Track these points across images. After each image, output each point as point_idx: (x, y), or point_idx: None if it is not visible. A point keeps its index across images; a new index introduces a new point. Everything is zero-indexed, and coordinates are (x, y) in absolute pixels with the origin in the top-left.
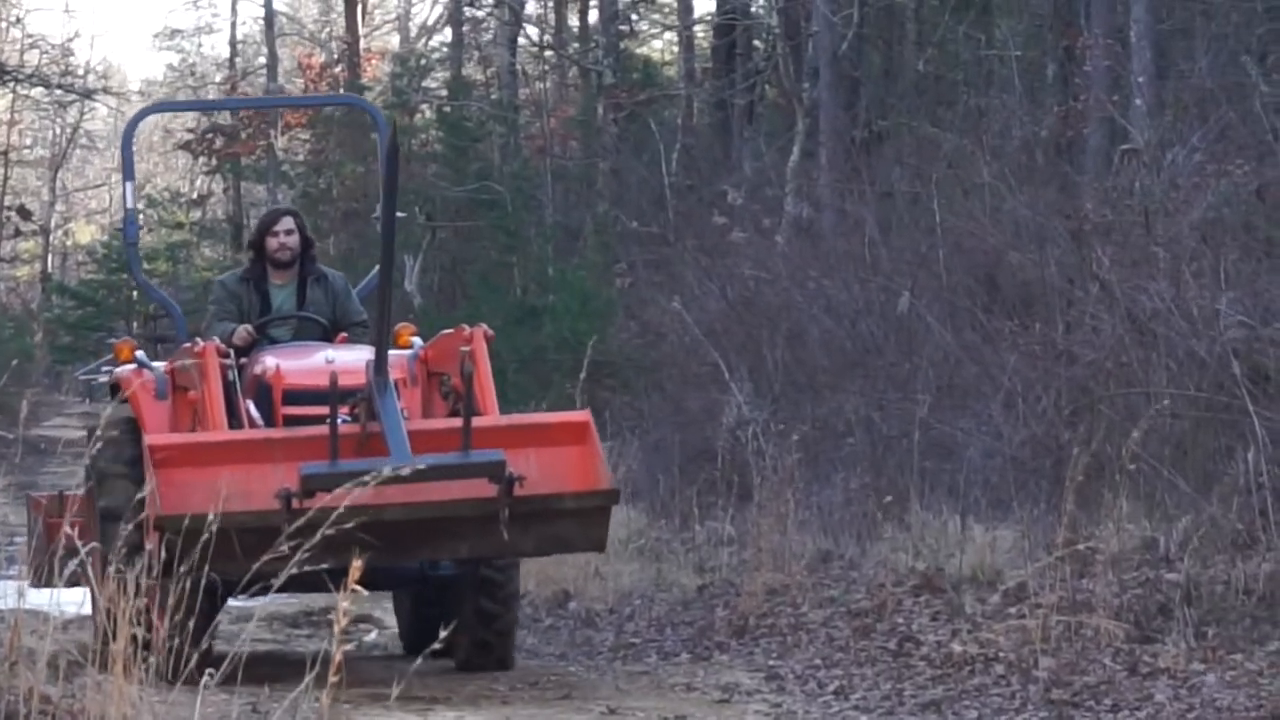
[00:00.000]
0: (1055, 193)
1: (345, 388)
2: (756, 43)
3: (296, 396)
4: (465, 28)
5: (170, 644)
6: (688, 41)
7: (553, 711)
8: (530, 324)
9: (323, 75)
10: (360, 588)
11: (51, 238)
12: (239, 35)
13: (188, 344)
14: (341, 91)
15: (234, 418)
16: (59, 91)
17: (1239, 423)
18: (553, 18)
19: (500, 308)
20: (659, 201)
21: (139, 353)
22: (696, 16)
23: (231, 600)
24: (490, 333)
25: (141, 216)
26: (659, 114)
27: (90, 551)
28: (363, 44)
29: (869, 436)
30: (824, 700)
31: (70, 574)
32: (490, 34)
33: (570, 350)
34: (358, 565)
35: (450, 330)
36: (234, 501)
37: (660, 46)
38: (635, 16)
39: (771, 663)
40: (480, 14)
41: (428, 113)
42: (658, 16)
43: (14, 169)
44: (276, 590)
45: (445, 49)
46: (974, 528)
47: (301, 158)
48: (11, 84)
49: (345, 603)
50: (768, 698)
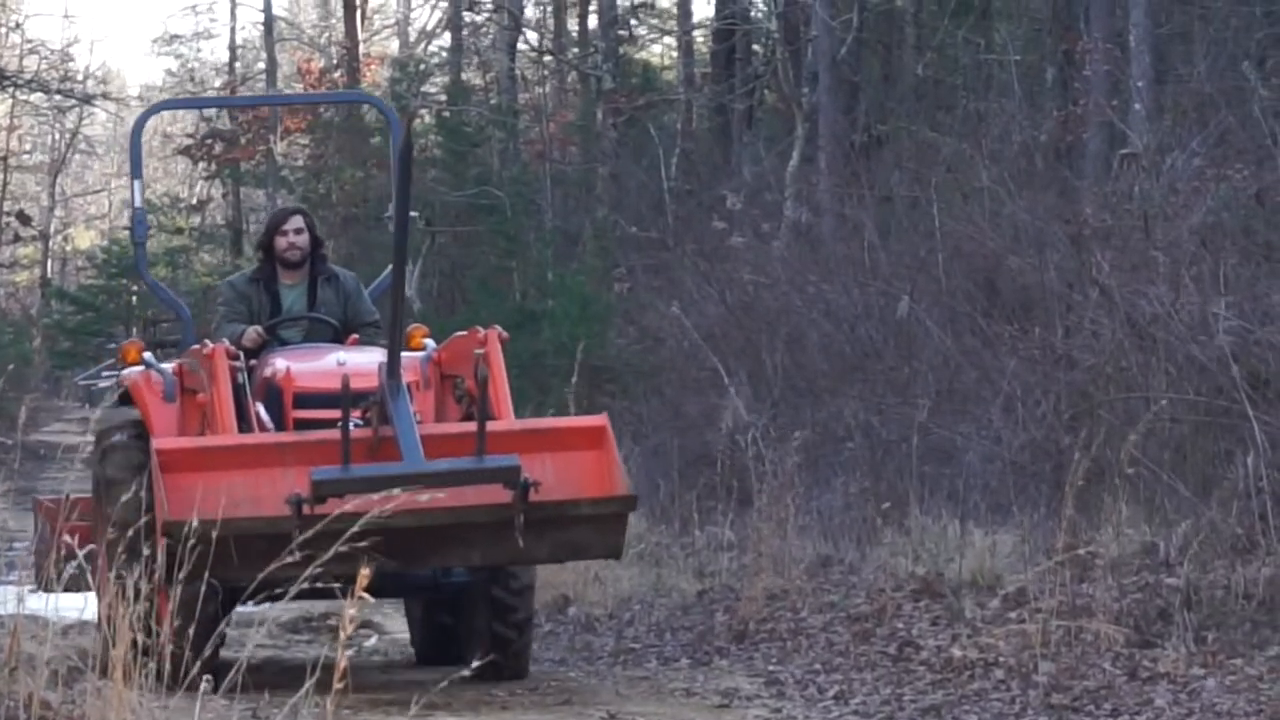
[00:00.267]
0: (1054, 197)
1: (357, 391)
2: (756, 47)
3: (307, 399)
4: (464, 33)
5: (178, 651)
6: (687, 46)
7: (553, 717)
8: (529, 329)
9: (322, 80)
10: (369, 595)
11: (51, 243)
12: (238, 40)
13: (197, 346)
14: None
15: (243, 421)
16: (58, 97)
17: (1238, 427)
18: (552, 23)
19: (499, 312)
20: (658, 206)
21: (147, 354)
22: (696, 21)
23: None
24: (505, 335)
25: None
26: (658, 119)
27: (90, 556)
28: (362, 49)
29: (868, 441)
30: (824, 705)
31: (68, 579)
32: (489, 39)
33: (569, 355)
34: (365, 574)
35: (464, 332)
36: (243, 507)
37: (659, 51)
38: (634, 21)
39: (771, 668)
40: (479, 19)
41: (427, 118)
42: (657, 21)
43: (13, 174)
44: (284, 598)
45: (444, 54)
46: (974, 532)
47: (301, 163)
48: (11, 89)
49: (352, 610)
50: (767, 703)
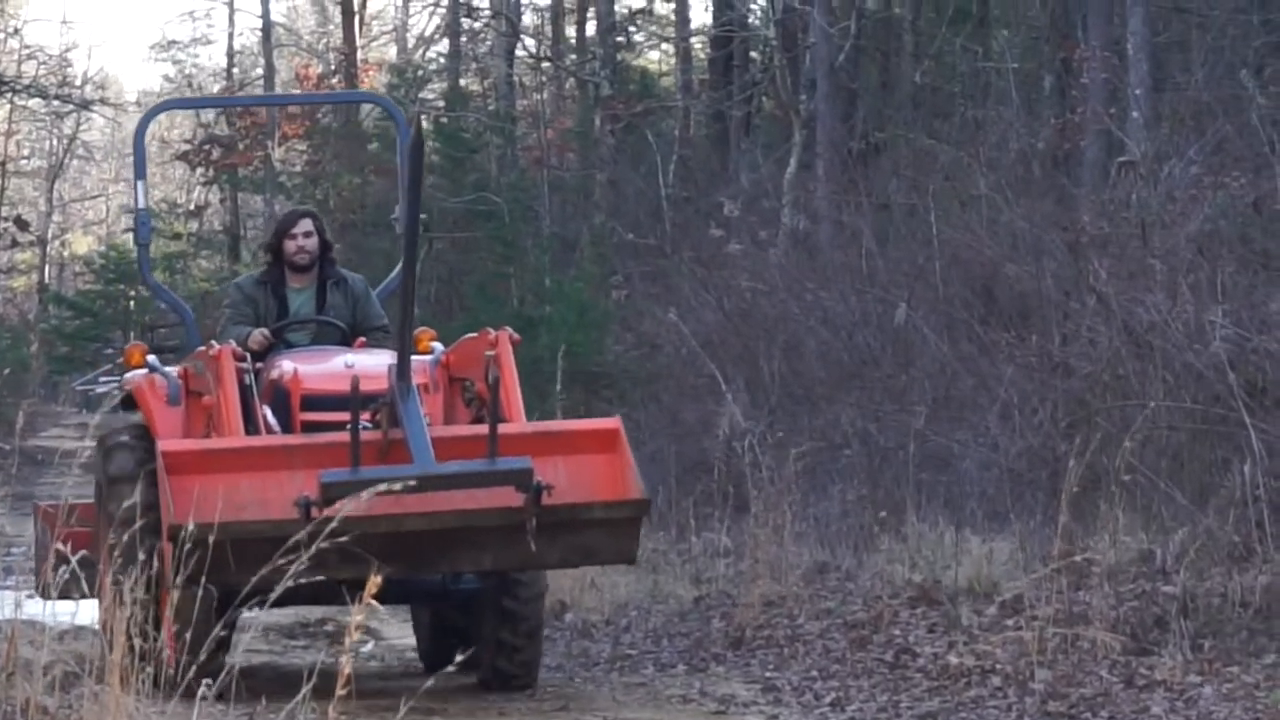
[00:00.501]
0: (1052, 205)
1: (367, 393)
2: (754, 54)
3: (315, 402)
4: (462, 39)
5: (184, 656)
6: (685, 53)
7: None
8: (526, 335)
9: (320, 86)
10: (377, 602)
11: (48, 248)
12: (236, 46)
13: (203, 348)
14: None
15: (250, 424)
16: (56, 102)
17: (1235, 435)
18: (550, 29)
19: (497, 318)
20: (656, 213)
21: (150, 357)
22: (694, 28)
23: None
24: (516, 337)
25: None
26: (656, 125)
27: (84, 563)
28: (360, 55)
29: (865, 448)
30: (820, 712)
31: (62, 586)
32: (487, 45)
33: (567, 361)
34: (375, 580)
35: (473, 334)
36: (251, 510)
37: (657, 58)
38: (632, 28)
39: (768, 674)
40: (478, 25)
41: (425, 123)
42: (655, 28)
43: (11, 179)
44: (289, 602)
45: (442, 60)
46: (970, 539)
47: (299, 169)
48: (9, 95)
49: (359, 616)
50: (764, 709)
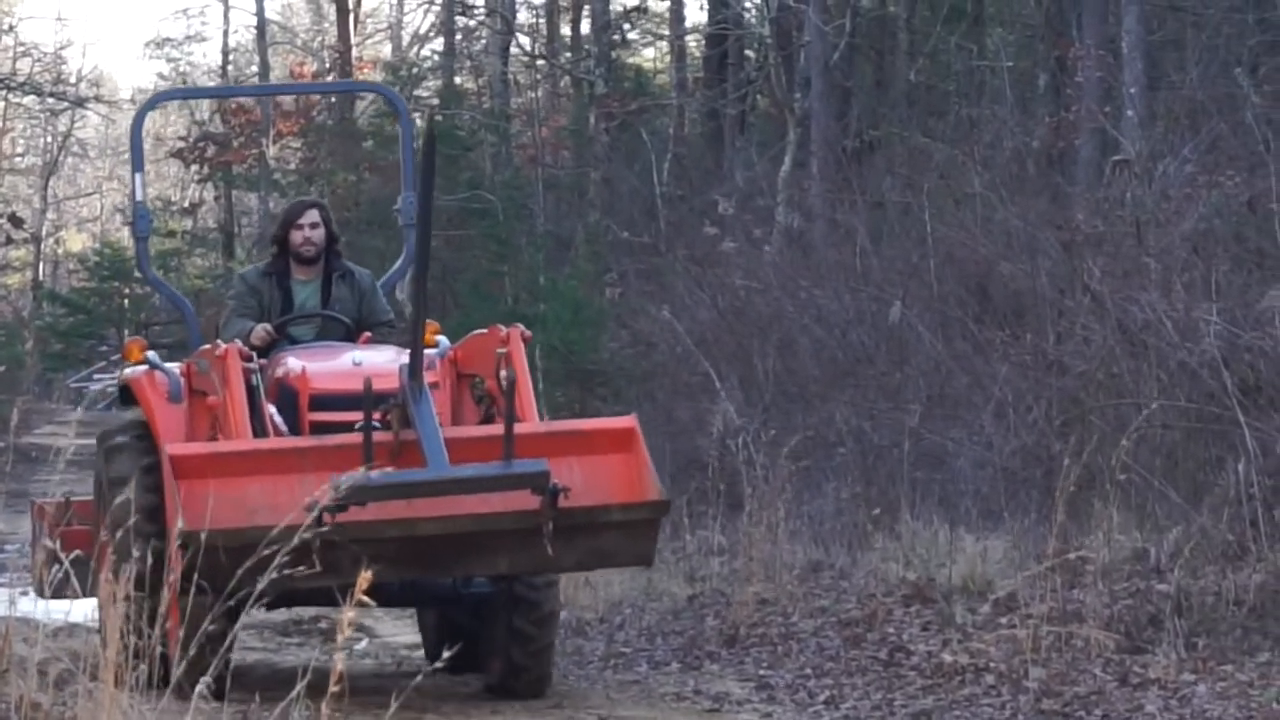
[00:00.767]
0: (1046, 203)
1: (378, 392)
2: (748, 52)
3: (324, 402)
4: (457, 37)
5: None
6: (679, 51)
7: None
8: None
9: None
10: (387, 604)
11: (43, 246)
12: (231, 44)
13: (208, 346)
14: (333, 100)
15: (256, 424)
16: (51, 100)
17: (1229, 433)
18: (544, 27)
19: (491, 316)
20: (650, 211)
21: (150, 353)
22: (688, 26)
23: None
24: (528, 334)
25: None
26: (650, 123)
27: (77, 562)
28: (355, 53)
29: (860, 446)
30: (814, 710)
31: (56, 586)
32: (482, 43)
33: (560, 359)
34: (367, 576)
35: (482, 330)
36: (261, 515)
37: (652, 56)
38: (627, 26)
39: (762, 672)
40: (472, 23)
41: (419, 121)
42: (649, 26)
43: (5, 177)
44: (289, 603)
45: (437, 58)
46: (965, 538)
47: (293, 166)
48: (3, 92)
49: (351, 614)
50: (758, 707)
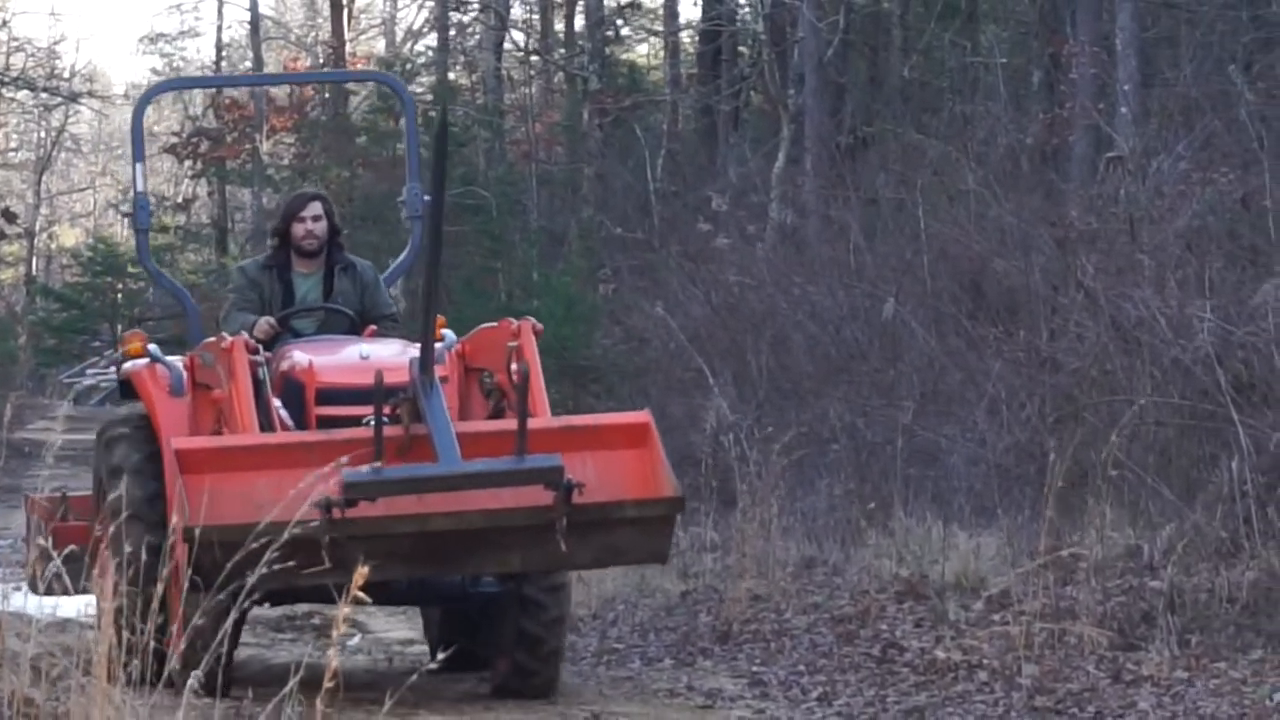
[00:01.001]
0: (1040, 200)
1: (388, 386)
2: (742, 49)
3: (332, 395)
4: (451, 32)
5: (192, 656)
6: (673, 47)
7: (536, 717)
8: None
9: None
10: (394, 603)
11: (36, 240)
12: (224, 39)
13: (212, 339)
14: (327, 95)
15: (262, 418)
16: (44, 95)
17: (1223, 430)
18: (538, 23)
19: (485, 312)
20: (644, 207)
21: (151, 346)
22: (682, 22)
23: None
24: (539, 327)
25: (125, 220)
26: (644, 119)
27: (69, 559)
28: (348, 48)
29: (853, 442)
30: (807, 706)
31: (49, 583)
32: (476, 39)
33: (554, 355)
34: (363, 572)
35: (492, 324)
36: (269, 510)
37: (646, 52)
38: (621, 22)
39: (755, 669)
40: (466, 19)
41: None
42: (643, 22)
43: None
44: (288, 601)
45: (431, 53)
46: (958, 534)
47: (287, 162)
48: None
49: (345, 609)
50: (751, 704)
